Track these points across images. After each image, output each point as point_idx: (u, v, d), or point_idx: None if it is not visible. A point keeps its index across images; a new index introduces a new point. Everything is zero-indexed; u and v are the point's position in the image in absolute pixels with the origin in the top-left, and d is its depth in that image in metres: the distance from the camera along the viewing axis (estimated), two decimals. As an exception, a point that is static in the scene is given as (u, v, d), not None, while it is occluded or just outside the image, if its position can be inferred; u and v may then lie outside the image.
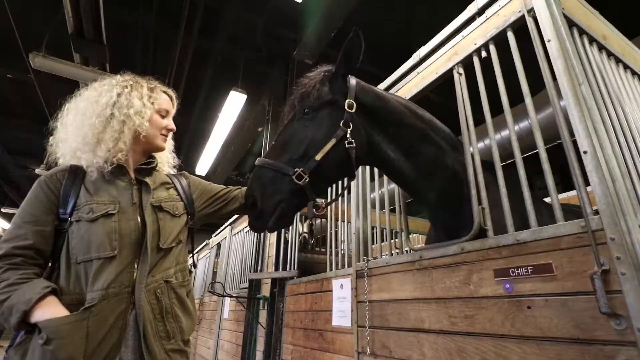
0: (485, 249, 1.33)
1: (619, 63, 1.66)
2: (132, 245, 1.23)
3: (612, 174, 1.06)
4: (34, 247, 1.17)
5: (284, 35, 5.74)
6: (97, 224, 1.20)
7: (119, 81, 1.41)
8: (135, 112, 1.34)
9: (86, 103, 1.35)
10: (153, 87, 1.47)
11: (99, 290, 1.13)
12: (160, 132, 1.45)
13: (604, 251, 0.99)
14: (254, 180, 1.41)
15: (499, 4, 1.58)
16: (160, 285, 1.26)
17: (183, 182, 1.55)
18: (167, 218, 1.36)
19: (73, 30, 4.11)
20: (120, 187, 1.32)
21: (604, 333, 0.95)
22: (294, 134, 1.47)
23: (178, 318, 1.29)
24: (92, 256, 1.16)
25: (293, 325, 2.87)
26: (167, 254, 1.33)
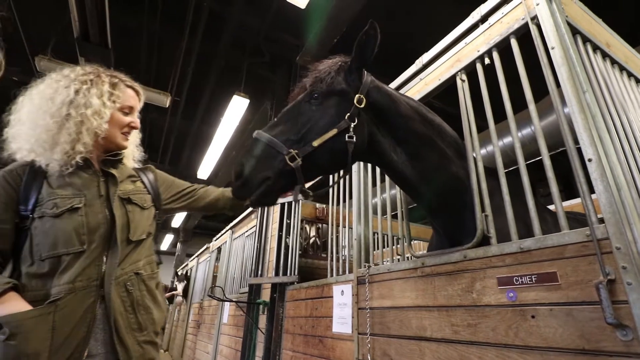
0: (488, 257, 1.32)
1: (622, 70, 1.66)
2: (101, 238, 1.22)
3: (618, 182, 1.05)
4: None
5: (287, 40, 5.78)
6: (62, 219, 1.17)
7: (78, 75, 1.32)
8: (93, 113, 1.27)
9: (40, 99, 1.27)
10: (116, 82, 1.39)
11: (65, 284, 1.13)
12: (122, 130, 1.40)
13: (609, 260, 0.97)
14: (248, 151, 1.36)
15: (502, 12, 1.58)
16: (130, 278, 1.27)
17: (150, 175, 1.55)
18: (136, 210, 1.36)
19: (79, 34, 4.15)
20: (85, 180, 1.28)
21: (610, 344, 0.93)
22: (298, 115, 1.44)
23: (149, 309, 1.30)
24: (60, 252, 1.15)
25: (293, 331, 2.84)
26: (138, 247, 1.34)
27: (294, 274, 3.23)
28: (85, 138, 1.26)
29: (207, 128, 7.93)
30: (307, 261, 3.89)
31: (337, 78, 1.47)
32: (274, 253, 3.76)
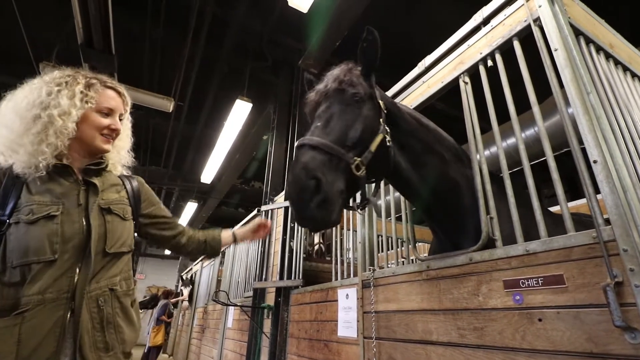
0: (494, 260, 1.31)
1: (626, 71, 1.65)
2: (75, 249, 1.16)
3: (624, 183, 1.04)
4: None
5: (290, 44, 5.80)
6: (36, 226, 1.12)
7: (54, 78, 1.28)
8: (60, 113, 1.21)
9: (14, 102, 1.25)
10: (92, 83, 1.32)
11: (35, 294, 1.07)
12: (100, 132, 1.31)
13: (616, 262, 0.97)
14: (311, 160, 1.15)
15: (505, 14, 1.59)
16: (104, 293, 1.20)
17: (134, 184, 1.48)
18: (116, 221, 1.29)
19: (82, 40, 4.18)
20: (65, 187, 1.23)
21: (619, 347, 0.92)
22: (345, 116, 1.32)
23: (120, 329, 1.22)
24: (30, 260, 1.09)
25: (298, 335, 2.84)
26: (115, 260, 1.27)
27: (299, 277, 3.23)
28: (50, 139, 1.20)
29: (210, 132, 7.96)
30: (312, 265, 3.89)
31: (364, 83, 1.44)
32: (278, 257, 3.76)
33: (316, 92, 1.46)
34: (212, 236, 1.73)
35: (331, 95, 1.41)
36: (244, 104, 5.72)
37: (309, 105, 1.48)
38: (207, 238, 1.70)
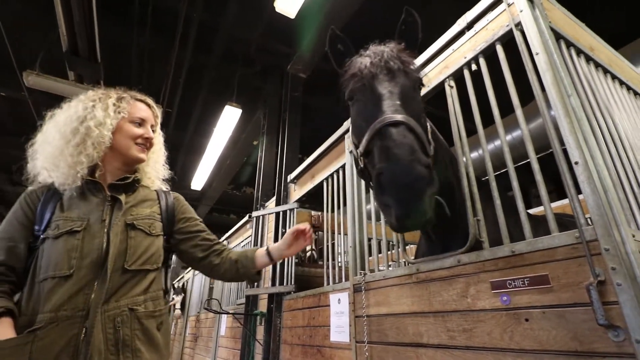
0: (481, 261, 1.32)
1: (606, 73, 1.69)
2: (92, 265, 1.14)
3: (604, 184, 1.07)
4: (6, 264, 1.14)
5: (278, 50, 5.81)
6: (59, 241, 1.14)
7: (89, 96, 1.37)
8: (96, 124, 1.28)
9: (55, 120, 1.33)
10: (123, 97, 1.39)
11: (48, 312, 1.06)
12: (135, 141, 1.36)
13: (598, 262, 0.99)
14: (415, 145, 0.99)
15: (487, 19, 1.61)
16: (122, 313, 1.14)
17: (170, 199, 1.47)
18: (139, 237, 1.26)
19: (67, 48, 4.14)
20: (92, 204, 1.25)
21: (603, 345, 0.94)
22: (414, 102, 1.21)
23: (138, 353, 1.14)
24: (49, 275, 1.10)
25: (291, 341, 2.82)
26: (138, 278, 1.22)
27: (291, 283, 3.22)
28: (88, 149, 1.25)
29: (200, 139, 7.91)
30: (304, 270, 3.87)
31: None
32: (269, 262, 3.74)
33: (372, 63, 1.28)
34: (244, 255, 1.55)
35: (395, 73, 1.26)
36: (234, 109, 5.71)
37: (364, 72, 1.27)
38: (239, 257, 1.54)
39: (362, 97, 1.25)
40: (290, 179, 3.79)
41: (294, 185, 3.78)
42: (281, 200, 3.97)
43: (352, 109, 1.34)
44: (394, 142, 0.97)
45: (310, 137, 5.53)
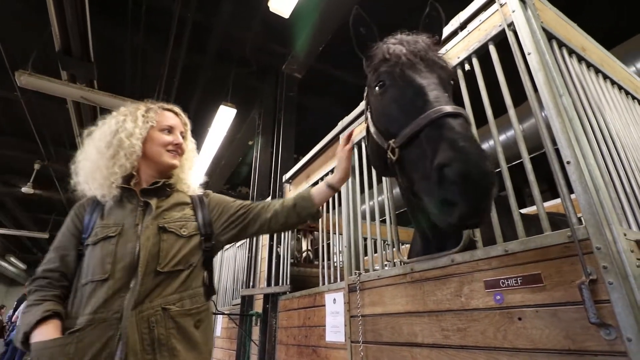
0: (475, 260, 1.33)
1: (598, 73, 1.70)
2: (126, 268, 1.18)
3: (596, 183, 1.07)
4: (59, 270, 1.24)
5: (273, 50, 5.79)
6: (97, 247, 1.22)
7: (121, 111, 1.45)
8: (127, 135, 1.35)
9: (92, 138, 1.42)
10: (151, 107, 1.46)
11: (87, 314, 1.12)
12: (166, 148, 1.42)
13: (590, 261, 0.99)
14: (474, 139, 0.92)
15: (480, 19, 1.62)
16: (156, 313, 1.16)
17: (202, 199, 1.50)
18: (171, 239, 1.29)
19: (60, 47, 4.10)
20: (127, 210, 1.32)
21: (595, 343, 0.94)
22: (449, 96, 1.17)
23: (175, 351, 1.15)
24: (89, 279, 1.18)
25: (286, 342, 2.81)
26: (170, 278, 1.24)
27: (286, 283, 3.21)
28: (121, 160, 1.32)
29: (195, 138, 7.81)
30: (300, 270, 3.88)
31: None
32: (265, 263, 3.73)
33: (410, 51, 1.22)
34: (301, 197, 1.53)
35: (434, 64, 1.22)
36: (228, 109, 5.69)
37: (401, 58, 1.21)
38: (295, 201, 1.52)
39: (398, 84, 1.18)
40: (285, 178, 3.79)
41: (289, 185, 3.77)
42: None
43: (379, 95, 1.26)
44: (459, 133, 0.90)
45: (306, 137, 5.53)
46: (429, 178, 0.91)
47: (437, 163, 0.86)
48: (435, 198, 0.89)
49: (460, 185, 0.83)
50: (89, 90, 4.68)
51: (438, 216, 0.91)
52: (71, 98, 4.82)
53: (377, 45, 1.36)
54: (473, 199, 0.84)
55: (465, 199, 0.84)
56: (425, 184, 0.94)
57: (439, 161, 0.86)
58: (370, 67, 1.34)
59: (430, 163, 0.91)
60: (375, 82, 1.28)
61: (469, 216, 0.86)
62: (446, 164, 0.85)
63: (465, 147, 0.86)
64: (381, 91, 1.25)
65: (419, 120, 1.01)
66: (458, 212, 0.86)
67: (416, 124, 1.01)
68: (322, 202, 1.57)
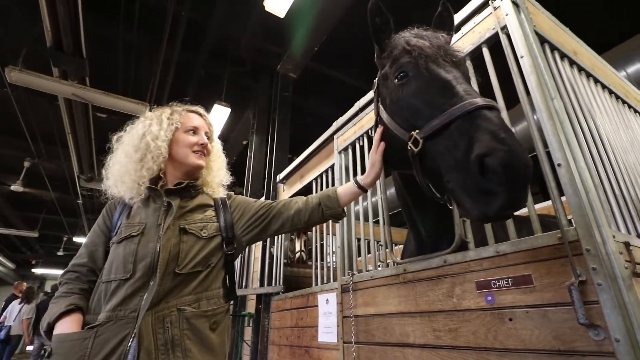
0: (467, 261, 1.34)
1: (589, 77, 1.72)
2: (146, 268, 1.19)
3: (586, 186, 1.09)
4: (87, 265, 1.29)
5: (268, 49, 5.78)
6: (121, 246, 1.25)
7: (147, 116, 1.48)
8: (153, 138, 1.38)
9: (121, 142, 1.45)
10: (175, 110, 1.49)
11: (108, 311, 1.14)
12: (192, 149, 1.42)
13: (580, 262, 1.01)
14: (512, 131, 0.92)
15: (474, 21, 1.63)
16: (171, 314, 1.16)
17: (227, 203, 1.49)
18: (191, 240, 1.29)
19: (51, 43, 4.04)
20: (152, 210, 1.34)
21: (584, 344, 0.95)
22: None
23: (188, 352, 1.14)
24: (111, 277, 1.20)
25: (279, 342, 2.81)
26: (188, 279, 1.24)
27: (279, 283, 3.21)
28: (149, 163, 1.35)
29: (189, 137, 7.83)
30: (293, 270, 3.87)
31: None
32: (258, 263, 3.72)
33: (435, 45, 1.23)
34: (326, 196, 1.50)
35: (456, 60, 1.23)
36: (223, 108, 5.67)
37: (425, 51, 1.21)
38: (321, 200, 1.48)
39: (424, 76, 1.17)
40: (279, 178, 3.78)
41: (283, 185, 3.77)
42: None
43: (400, 86, 1.24)
44: (498, 125, 0.90)
45: (300, 137, 5.52)
46: (464, 168, 0.90)
47: (478, 153, 0.85)
48: (474, 188, 0.88)
49: (503, 176, 0.82)
50: (80, 87, 4.62)
51: (473, 207, 0.89)
52: (62, 95, 4.76)
53: (392, 36, 1.36)
54: (514, 190, 0.84)
55: (507, 189, 0.83)
56: (459, 174, 0.92)
57: (480, 152, 0.85)
58: (389, 57, 1.33)
59: (466, 154, 0.90)
60: (395, 73, 1.26)
61: (508, 207, 0.85)
62: (488, 154, 0.84)
63: (507, 138, 0.86)
64: (402, 82, 1.23)
65: (452, 111, 1.00)
66: (498, 202, 0.85)
67: (449, 114, 1.00)
68: (349, 202, 1.54)
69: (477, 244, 1.36)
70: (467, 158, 0.89)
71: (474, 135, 0.90)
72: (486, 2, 1.57)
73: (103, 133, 6.76)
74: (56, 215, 12.76)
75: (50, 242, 17.22)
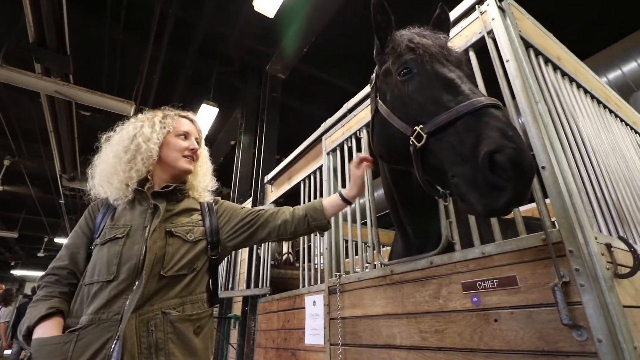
0: (453, 263, 1.35)
1: (572, 82, 1.76)
2: (131, 270, 1.18)
3: (569, 188, 1.10)
4: (68, 268, 1.27)
5: (257, 50, 5.76)
6: (104, 248, 1.23)
7: (139, 118, 1.49)
8: (144, 140, 1.38)
9: (110, 142, 1.45)
10: (167, 114, 1.50)
11: (90, 314, 1.12)
12: (182, 153, 1.43)
13: (563, 263, 1.02)
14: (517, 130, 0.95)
15: (461, 25, 1.65)
16: (155, 317, 1.15)
17: (211, 205, 1.50)
18: (177, 243, 1.29)
19: (34, 39, 3.94)
20: (138, 212, 1.33)
21: (567, 344, 0.97)
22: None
23: (172, 357, 1.14)
24: (94, 279, 1.18)
25: (265, 345, 2.78)
26: (173, 282, 1.23)
27: (266, 285, 3.18)
28: (138, 164, 1.34)
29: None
30: (280, 272, 3.84)
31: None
32: (245, 265, 3.69)
33: (438, 44, 1.25)
34: (313, 207, 1.54)
35: (459, 60, 1.26)
36: (210, 108, 5.62)
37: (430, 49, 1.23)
38: (307, 211, 1.52)
39: (429, 73, 1.19)
40: (267, 179, 3.76)
41: (271, 186, 3.74)
42: (257, 202, 3.93)
43: (403, 82, 1.26)
44: (506, 123, 0.93)
45: (288, 138, 5.51)
46: (471, 164, 0.93)
47: (488, 150, 0.88)
48: (482, 183, 0.90)
49: (511, 172, 0.85)
50: (63, 85, 4.51)
51: (479, 201, 0.91)
52: (45, 92, 4.64)
53: (393, 34, 1.38)
54: (521, 185, 0.87)
55: (514, 185, 0.86)
56: (466, 170, 0.94)
57: (490, 148, 0.88)
58: (391, 54, 1.35)
59: (474, 150, 0.92)
60: (399, 69, 1.28)
61: (514, 201, 0.88)
62: (497, 150, 0.87)
63: (514, 136, 0.89)
64: (406, 78, 1.25)
65: (460, 108, 1.02)
66: (505, 197, 0.88)
67: (455, 111, 1.02)
68: (334, 214, 1.59)
69: (464, 245, 1.37)
70: (476, 154, 0.91)
71: (483, 132, 0.93)
72: (473, 6, 1.59)
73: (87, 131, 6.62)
74: (37, 215, 12.44)
75: (31, 242, 16.77)
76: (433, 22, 1.41)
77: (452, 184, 0.99)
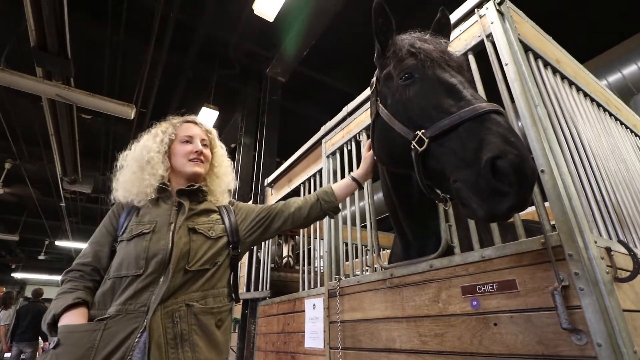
0: (452, 266, 1.34)
1: (572, 85, 1.76)
2: (158, 264, 1.22)
3: (569, 192, 1.10)
4: (91, 265, 1.31)
5: (257, 53, 5.77)
6: (131, 243, 1.27)
7: (148, 132, 1.55)
8: (155, 151, 1.44)
9: (133, 152, 1.51)
10: (170, 123, 1.55)
11: (118, 305, 1.16)
12: (187, 158, 1.47)
13: (563, 267, 1.02)
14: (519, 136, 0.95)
15: (460, 29, 1.65)
16: (180, 309, 1.20)
17: (230, 208, 1.55)
18: (200, 240, 1.34)
19: (35, 43, 3.95)
20: (162, 209, 1.38)
21: (567, 348, 0.96)
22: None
23: (196, 347, 1.17)
24: (122, 274, 1.22)
25: (265, 348, 2.77)
26: (196, 276, 1.28)
27: (266, 288, 3.17)
28: (154, 170, 1.41)
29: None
30: (280, 275, 3.83)
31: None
32: (245, 268, 3.68)
33: (439, 50, 1.26)
34: (324, 192, 1.64)
35: (461, 65, 1.27)
36: (210, 111, 5.63)
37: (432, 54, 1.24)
38: (319, 195, 1.62)
39: (431, 78, 1.20)
40: (267, 182, 3.76)
41: (271, 189, 3.75)
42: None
43: (405, 86, 1.26)
44: (508, 130, 0.94)
45: (288, 141, 5.51)
46: (473, 169, 0.93)
47: (490, 155, 0.89)
48: (485, 188, 0.91)
49: (514, 177, 0.86)
50: (65, 88, 4.52)
51: (480, 207, 0.92)
52: (46, 95, 4.65)
53: (394, 37, 1.38)
54: (523, 191, 0.87)
55: (516, 190, 0.87)
56: (468, 175, 0.95)
57: (492, 154, 0.88)
58: (392, 58, 1.35)
59: (476, 155, 0.93)
60: (400, 74, 1.28)
61: (516, 207, 0.89)
62: (500, 156, 0.88)
63: (516, 142, 0.90)
64: (407, 83, 1.25)
65: (462, 113, 1.02)
66: (508, 202, 0.88)
67: (458, 116, 1.03)
68: (344, 197, 1.69)
69: (464, 249, 1.37)
70: (478, 159, 0.92)
71: (485, 138, 0.93)
72: (472, 10, 1.60)
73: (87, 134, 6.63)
74: (38, 218, 12.44)
75: (31, 245, 16.77)
76: (434, 27, 1.42)
77: (453, 189, 0.99)
